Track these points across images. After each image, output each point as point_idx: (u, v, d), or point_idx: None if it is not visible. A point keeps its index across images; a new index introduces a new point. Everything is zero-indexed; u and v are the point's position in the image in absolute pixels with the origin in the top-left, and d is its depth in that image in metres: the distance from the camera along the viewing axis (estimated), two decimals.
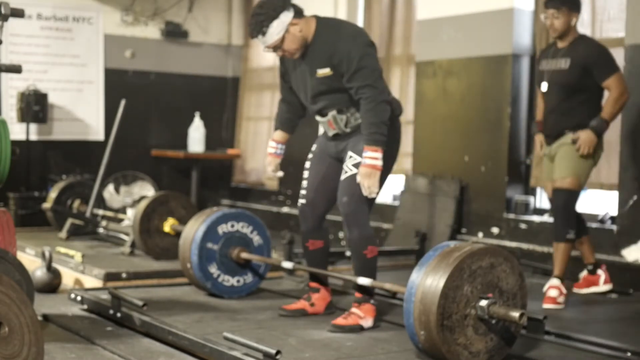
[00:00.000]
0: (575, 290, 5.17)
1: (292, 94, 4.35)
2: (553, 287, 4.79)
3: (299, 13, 4.04)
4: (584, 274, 5.21)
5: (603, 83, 4.76)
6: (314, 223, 4.30)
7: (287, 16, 3.98)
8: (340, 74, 4.00)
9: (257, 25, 3.98)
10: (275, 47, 4.03)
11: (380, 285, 3.97)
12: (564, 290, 4.80)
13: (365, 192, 3.97)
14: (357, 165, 4.04)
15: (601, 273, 5.14)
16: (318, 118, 4.22)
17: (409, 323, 3.31)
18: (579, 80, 4.77)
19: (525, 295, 3.43)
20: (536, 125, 5.14)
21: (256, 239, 4.82)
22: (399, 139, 4.19)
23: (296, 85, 4.23)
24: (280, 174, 4.46)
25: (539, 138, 5.10)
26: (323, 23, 4.09)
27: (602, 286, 5.13)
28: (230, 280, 4.76)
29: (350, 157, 4.08)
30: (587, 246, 5.12)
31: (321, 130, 4.37)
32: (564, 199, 4.81)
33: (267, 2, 4.01)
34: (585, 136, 4.74)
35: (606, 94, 4.84)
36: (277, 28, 3.97)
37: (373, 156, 3.93)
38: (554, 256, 4.89)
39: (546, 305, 4.71)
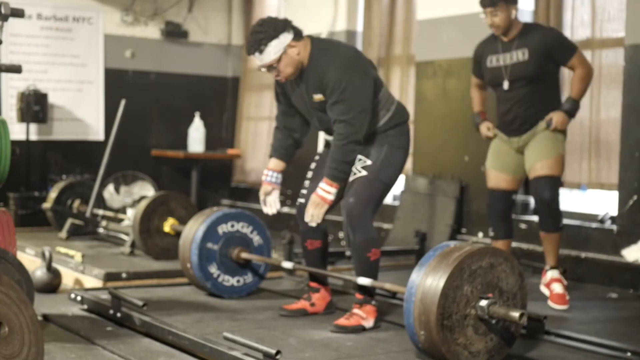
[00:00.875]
0: None
1: (288, 116, 4.32)
2: (555, 280, 4.70)
3: (298, 35, 4.01)
4: None
5: (567, 64, 4.68)
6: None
7: (286, 37, 3.96)
8: None
9: (255, 42, 3.95)
10: (270, 67, 4.01)
11: (380, 286, 3.97)
12: (565, 281, 4.75)
13: (307, 218, 4.08)
14: (366, 168, 4.05)
15: None
16: (327, 136, 4.23)
17: (409, 323, 3.31)
18: (541, 68, 4.67)
19: (525, 295, 3.43)
20: (479, 115, 5.04)
21: (256, 238, 4.82)
22: (407, 145, 4.19)
23: (298, 105, 4.22)
24: (274, 211, 4.34)
25: (485, 124, 4.96)
26: (318, 47, 4.04)
27: None
28: (230, 280, 4.76)
29: (360, 159, 4.08)
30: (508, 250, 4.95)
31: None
32: (550, 188, 4.67)
33: (267, 21, 3.99)
34: (558, 117, 4.65)
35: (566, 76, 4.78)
36: (275, 48, 3.94)
37: (326, 189, 4.02)
38: (545, 247, 4.79)
39: (556, 306, 4.61)
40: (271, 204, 4.35)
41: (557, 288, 4.69)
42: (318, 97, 4.03)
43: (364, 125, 3.96)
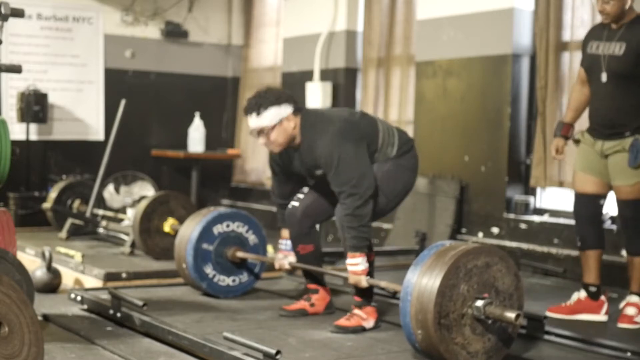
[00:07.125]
0: (560, 315, 4.48)
1: (284, 186, 4.34)
2: (631, 305, 4.35)
3: (297, 111, 4.04)
4: (582, 295, 4.53)
5: None
6: (300, 229, 4.29)
7: (286, 109, 3.99)
8: None
9: (255, 104, 3.99)
10: (261, 132, 4.01)
11: (375, 284, 3.97)
12: None
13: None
14: None
15: (604, 300, 4.52)
16: None
17: (406, 322, 3.30)
18: (634, 69, 4.17)
19: (522, 296, 3.42)
20: (561, 127, 4.56)
21: (251, 238, 4.82)
22: (415, 166, 4.19)
23: (298, 172, 4.22)
24: (286, 268, 4.47)
25: (558, 142, 4.53)
26: (308, 121, 4.04)
27: (602, 316, 4.47)
28: (226, 280, 4.76)
29: None
30: (599, 262, 4.51)
31: None
32: (633, 209, 4.30)
33: (273, 90, 4.04)
34: None
35: None
36: (273, 114, 3.97)
37: (352, 262, 3.98)
38: (629, 271, 4.43)
39: (622, 325, 4.29)
40: (284, 264, 4.43)
41: (630, 311, 4.34)
42: (319, 172, 4.09)
43: (368, 187, 3.92)
